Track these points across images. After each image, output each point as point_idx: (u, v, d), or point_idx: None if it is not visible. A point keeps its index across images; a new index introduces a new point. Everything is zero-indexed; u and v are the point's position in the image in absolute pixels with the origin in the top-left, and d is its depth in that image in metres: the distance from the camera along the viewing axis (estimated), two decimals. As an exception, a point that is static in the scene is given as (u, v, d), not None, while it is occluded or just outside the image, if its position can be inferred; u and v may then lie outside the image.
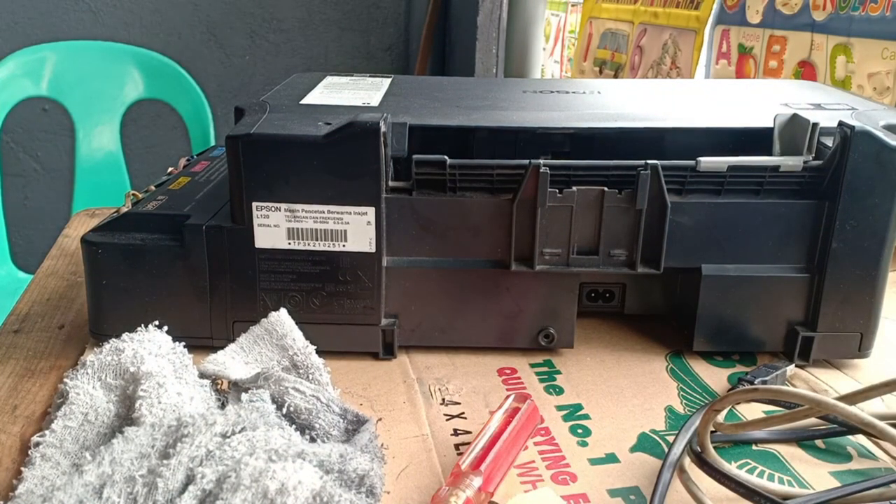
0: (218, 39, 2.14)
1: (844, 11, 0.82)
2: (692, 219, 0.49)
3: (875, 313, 0.50)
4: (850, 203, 0.48)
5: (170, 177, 0.60)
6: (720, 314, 0.51)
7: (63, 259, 0.68)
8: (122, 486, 0.34)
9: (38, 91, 1.56)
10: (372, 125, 0.47)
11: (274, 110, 0.52)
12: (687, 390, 0.49)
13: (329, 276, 0.49)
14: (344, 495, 0.33)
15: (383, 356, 0.51)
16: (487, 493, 0.36)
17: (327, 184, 0.47)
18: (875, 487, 0.36)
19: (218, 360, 0.44)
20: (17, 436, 0.43)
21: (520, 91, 0.62)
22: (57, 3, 2.02)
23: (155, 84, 1.60)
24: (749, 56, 0.99)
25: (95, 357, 0.43)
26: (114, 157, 1.60)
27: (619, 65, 1.28)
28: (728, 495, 0.36)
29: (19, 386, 0.48)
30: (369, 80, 0.65)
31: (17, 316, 0.57)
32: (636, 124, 0.51)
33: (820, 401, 0.36)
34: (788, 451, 0.42)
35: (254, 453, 0.35)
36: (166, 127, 2.06)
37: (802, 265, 0.50)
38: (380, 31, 2.23)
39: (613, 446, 0.43)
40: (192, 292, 0.49)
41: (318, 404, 0.40)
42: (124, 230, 0.50)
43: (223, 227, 0.48)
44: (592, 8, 1.40)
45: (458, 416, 0.45)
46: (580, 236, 0.49)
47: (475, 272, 0.50)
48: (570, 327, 0.51)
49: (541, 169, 0.47)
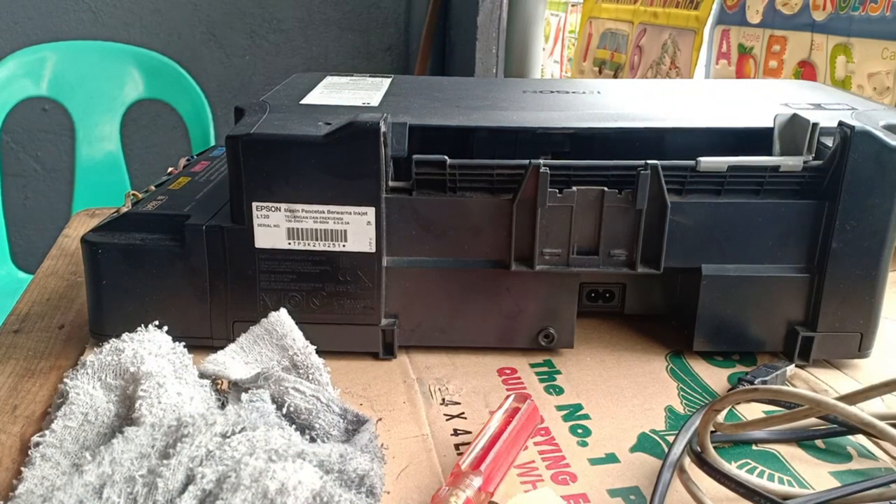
0: (218, 39, 2.14)
1: (844, 11, 0.82)
2: (692, 219, 0.49)
3: (875, 313, 0.50)
4: (850, 203, 0.48)
5: (170, 177, 0.60)
6: (720, 314, 0.51)
7: (63, 259, 0.68)
8: (122, 486, 0.34)
9: (39, 91, 1.56)
10: (372, 125, 0.47)
11: (274, 110, 0.52)
12: (687, 390, 0.49)
13: (329, 276, 0.49)
14: (344, 495, 0.33)
15: (383, 356, 0.51)
16: (487, 493, 0.36)
17: (327, 184, 0.47)
18: (875, 487, 0.36)
19: (218, 360, 0.44)
20: (17, 436, 0.43)
21: (520, 91, 0.62)
22: (57, 3, 2.02)
23: (155, 84, 1.60)
24: (749, 56, 0.99)
25: (95, 357, 0.43)
26: (114, 157, 1.60)
27: (619, 65, 1.28)
28: (728, 495, 0.36)
29: (19, 386, 0.48)
30: (369, 80, 0.65)
31: (17, 316, 0.57)
32: (636, 124, 0.51)
33: (820, 401, 0.36)
34: (788, 451, 0.42)
35: (254, 453, 0.35)
36: (166, 127, 2.06)
37: (802, 265, 0.50)
38: (380, 31, 2.23)
39: (613, 446, 0.43)
40: (192, 292, 0.49)
41: (318, 404, 0.40)
42: (124, 230, 0.50)
43: (223, 227, 0.48)
44: (592, 8, 1.40)
45: (458, 416, 0.45)
46: (580, 236, 0.49)
47: (475, 272, 0.50)
48: (570, 327, 0.51)
49: (541, 169, 0.47)
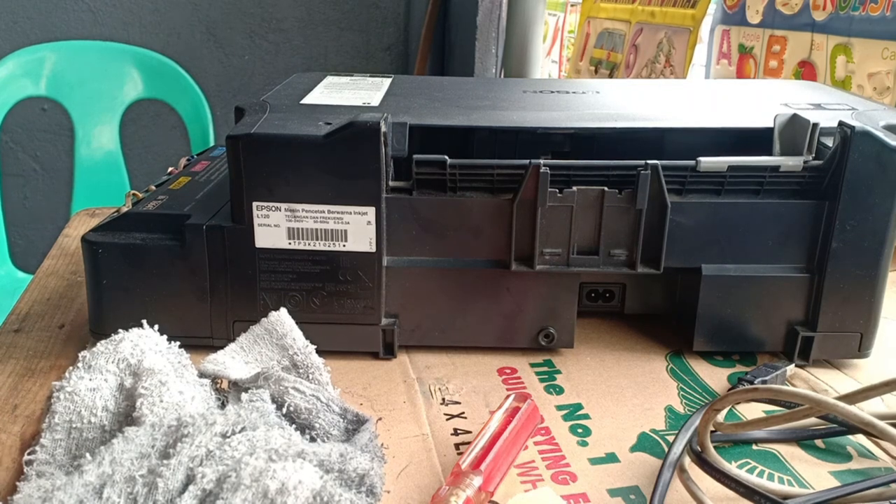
0: (218, 39, 2.14)
1: (845, 11, 0.82)
2: (692, 219, 0.49)
3: (875, 313, 0.50)
4: (850, 203, 0.48)
5: (170, 176, 0.60)
6: (720, 314, 0.51)
7: (63, 259, 0.68)
8: (123, 485, 0.34)
9: (38, 91, 1.56)
10: (372, 125, 0.47)
11: (274, 110, 0.52)
12: (687, 390, 0.49)
13: (329, 276, 0.49)
14: (344, 495, 0.33)
15: (383, 356, 0.51)
16: (487, 492, 0.36)
17: (328, 183, 0.47)
18: (875, 487, 0.36)
19: (218, 360, 0.44)
20: (17, 435, 0.43)
21: (520, 91, 0.62)
22: (57, 3, 2.02)
23: (154, 84, 1.60)
24: (749, 56, 0.99)
25: (88, 351, 0.42)
26: (113, 156, 1.60)
27: (615, 64, 1.28)
28: (728, 495, 0.36)
29: (19, 385, 0.48)
30: (369, 80, 0.65)
31: (17, 315, 0.57)
32: (636, 124, 0.51)
33: (820, 400, 0.36)
34: (788, 451, 0.42)
35: (254, 453, 0.35)
36: (166, 127, 2.06)
37: (802, 265, 0.50)
38: (379, 31, 2.23)
39: (613, 446, 0.43)
40: (193, 292, 0.49)
41: (318, 404, 0.40)
42: (125, 230, 0.50)
43: (224, 227, 0.48)
44: (591, 8, 1.40)
45: (458, 415, 0.45)
46: (580, 236, 0.49)
47: (475, 272, 0.50)
48: (570, 327, 0.51)
49: (541, 169, 0.47)
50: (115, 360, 0.41)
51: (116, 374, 0.41)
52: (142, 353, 0.41)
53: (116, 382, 0.41)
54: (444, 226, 0.49)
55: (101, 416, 0.40)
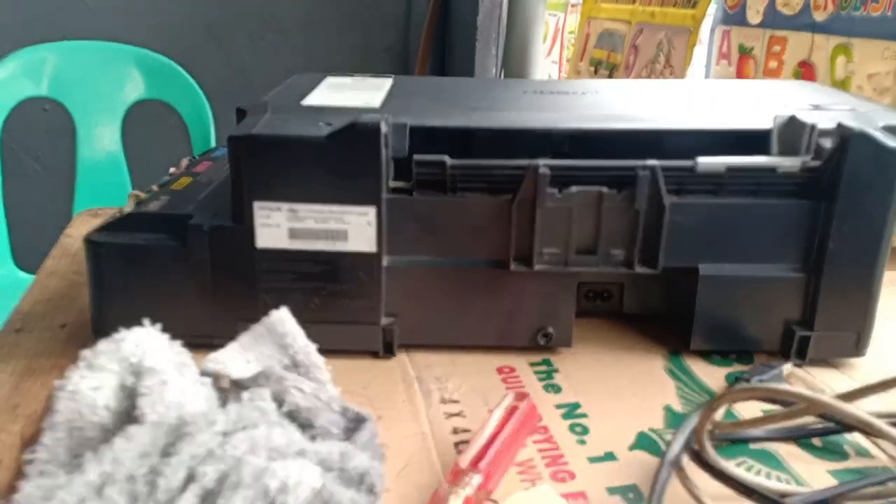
0: (218, 39, 2.14)
1: (846, 11, 0.82)
2: (690, 219, 0.49)
3: (871, 313, 0.50)
4: (847, 204, 0.48)
5: (172, 177, 0.60)
6: (718, 314, 0.51)
7: (65, 259, 0.69)
8: (124, 484, 0.34)
9: (39, 91, 1.56)
10: (373, 126, 0.47)
11: (275, 111, 0.52)
12: (685, 389, 0.49)
13: (330, 276, 0.49)
14: (344, 493, 0.33)
15: (383, 355, 0.52)
16: (487, 491, 0.36)
17: (328, 184, 0.48)
18: (872, 485, 0.36)
19: (219, 359, 0.44)
20: (17, 434, 0.43)
21: (520, 91, 0.62)
22: (57, 3, 2.02)
23: (155, 84, 1.60)
24: (749, 56, 0.99)
25: (90, 350, 0.42)
26: (115, 157, 1.60)
27: (614, 65, 1.28)
28: (726, 493, 0.36)
29: (20, 385, 0.48)
30: (370, 80, 0.65)
31: (18, 315, 0.57)
32: (636, 125, 0.51)
33: (817, 399, 0.36)
34: (786, 450, 0.43)
35: (255, 452, 0.35)
36: (167, 127, 2.06)
37: (799, 265, 0.50)
38: (380, 31, 2.23)
39: (612, 445, 0.43)
40: (195, 292, 0.50)
41: (319, 403, 0.40)
42: (127, 230, 0.50)
43: (225, 227, 0.49)
44: (591, 8, 1.41)
45: (458, 414, 0.45)
46: (579, 236, 0.49)
47: (475, 272, 0.50)
48: (569, 326, 0.52)
49: (540, 169, 0.47)
50: (117, 359, 0.41)
51: (118, 373, 0.41)
52: (143, 352, 0.42)
53: (118, 381, 0.41)
54: (444, 226, 0.49)
55: (102, 415, 0.40)
